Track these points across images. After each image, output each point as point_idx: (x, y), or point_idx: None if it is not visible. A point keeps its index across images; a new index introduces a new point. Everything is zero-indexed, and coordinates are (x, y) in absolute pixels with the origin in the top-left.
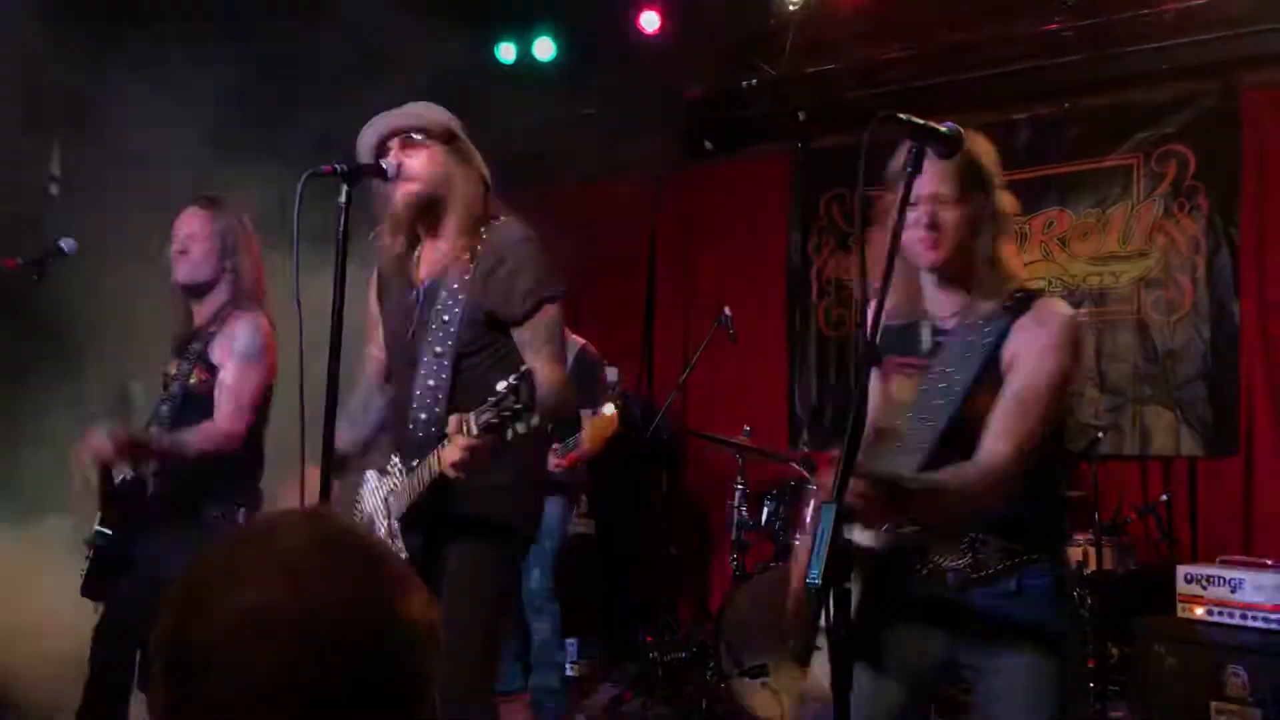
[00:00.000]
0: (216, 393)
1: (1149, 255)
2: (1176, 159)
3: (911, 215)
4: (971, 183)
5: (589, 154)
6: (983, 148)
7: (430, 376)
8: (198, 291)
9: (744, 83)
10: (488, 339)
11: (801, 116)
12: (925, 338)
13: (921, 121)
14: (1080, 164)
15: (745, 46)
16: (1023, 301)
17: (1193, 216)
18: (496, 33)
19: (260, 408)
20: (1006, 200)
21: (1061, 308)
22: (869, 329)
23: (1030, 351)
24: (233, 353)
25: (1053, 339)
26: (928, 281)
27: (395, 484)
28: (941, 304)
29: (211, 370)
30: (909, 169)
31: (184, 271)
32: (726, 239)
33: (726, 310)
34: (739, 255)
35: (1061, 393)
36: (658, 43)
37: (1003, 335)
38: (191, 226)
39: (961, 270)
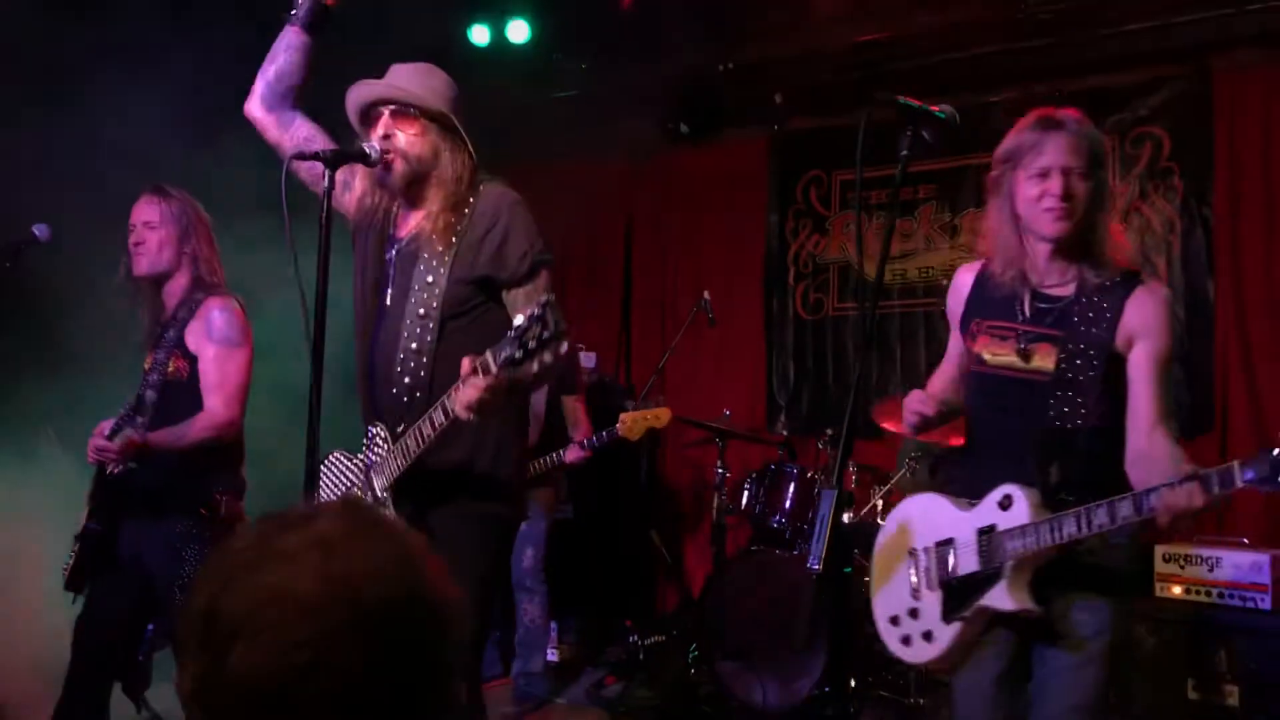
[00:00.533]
0: (202, 381)
1: (1125, 236)
2: (1151, 141)
3: (1037, 186)
4: (1095, 159)
5: (564, 137)
6: (1095, 129)
7: (414, 339)
8: (159, 280)
9: (720, 66)
10: (475, 301)
11: (778, 99)
12: (1026, 304)
13: (918, 104)
14: None
15: (721, 29)
16: (1131, 277)
17: (1167, 197)
18: (470, 15)
19: (244, 397)
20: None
21: (1161, 283)
22: (871, 311)
23: (1154, 327)
24: (211, 339)
25: (1167, 314)
26: (1039, 251)
27: (378, 455)
28: (1051, 273)
29: (189, 358)
30: (904, 152)
31: (144, 263)
32: (703, 222)
33: (706, 294)
34: (716, 239)
35: None
36: (633, 25)
37: (1119, 308)
38: (145, 215)
39: (1079, 242)
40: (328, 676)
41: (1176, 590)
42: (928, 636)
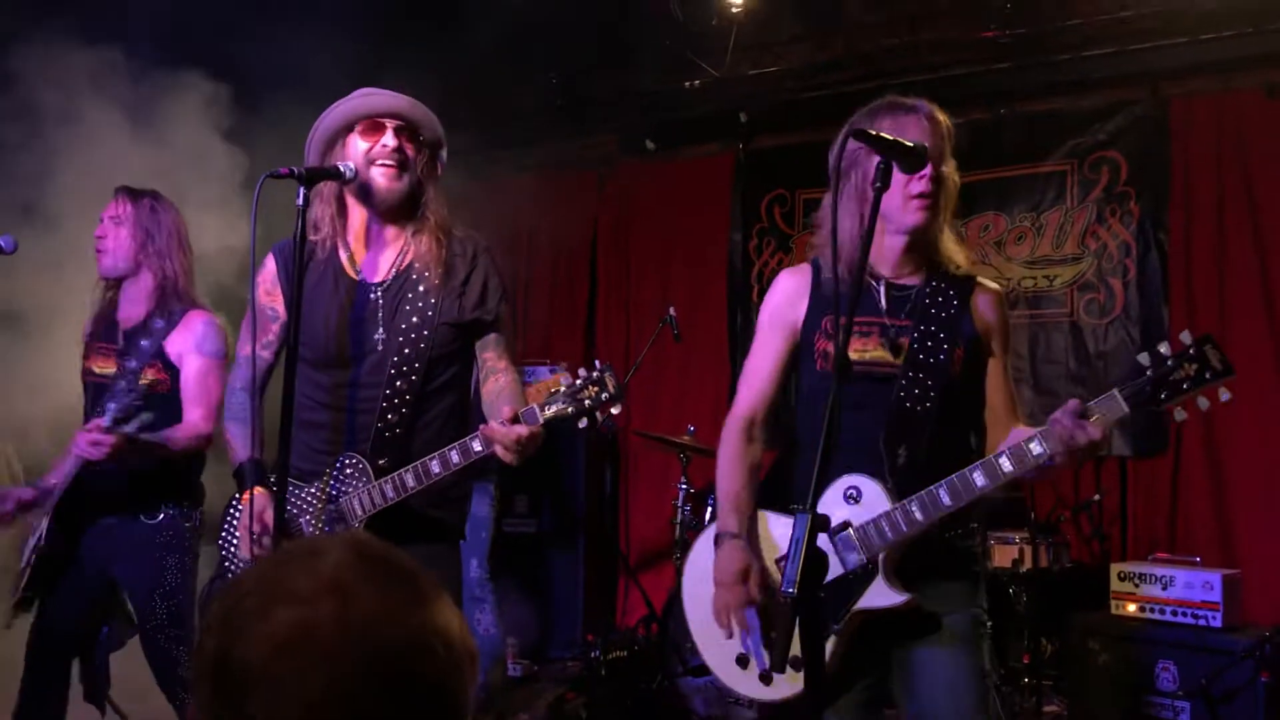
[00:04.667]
0: (184, 392)
1: (1082, 259)
2: (1109, 165)
3: (900, 174)
4: (949, 148)
5: (529, 152)
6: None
7: (400, 378)
8: (119, 281)
9: (686, 83)
10: (457, 343)
11: (743, 118)
12: (881, 297)
13: (890, 138)
14: (1016, 169)
15: (688, 47)
16: (970, 276)
17: (1124, 221)
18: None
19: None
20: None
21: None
22: (840, 340)
23: (1001, 325)
24: (200, 352)
25: (1007, 312)
26: (893, 243)
27: (351, 485)
28: (903, 265)
29: (171, 370)
30: (876, 184)
31: (105, 261)
32: (668, 238)
33: (671, 310)
34: (680, 255)
35: None
36: (601, 39)
37: (967, 297)
38: (111, 212)
39: (932, 233)
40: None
41: (1131, 608)
42: (795, 664)
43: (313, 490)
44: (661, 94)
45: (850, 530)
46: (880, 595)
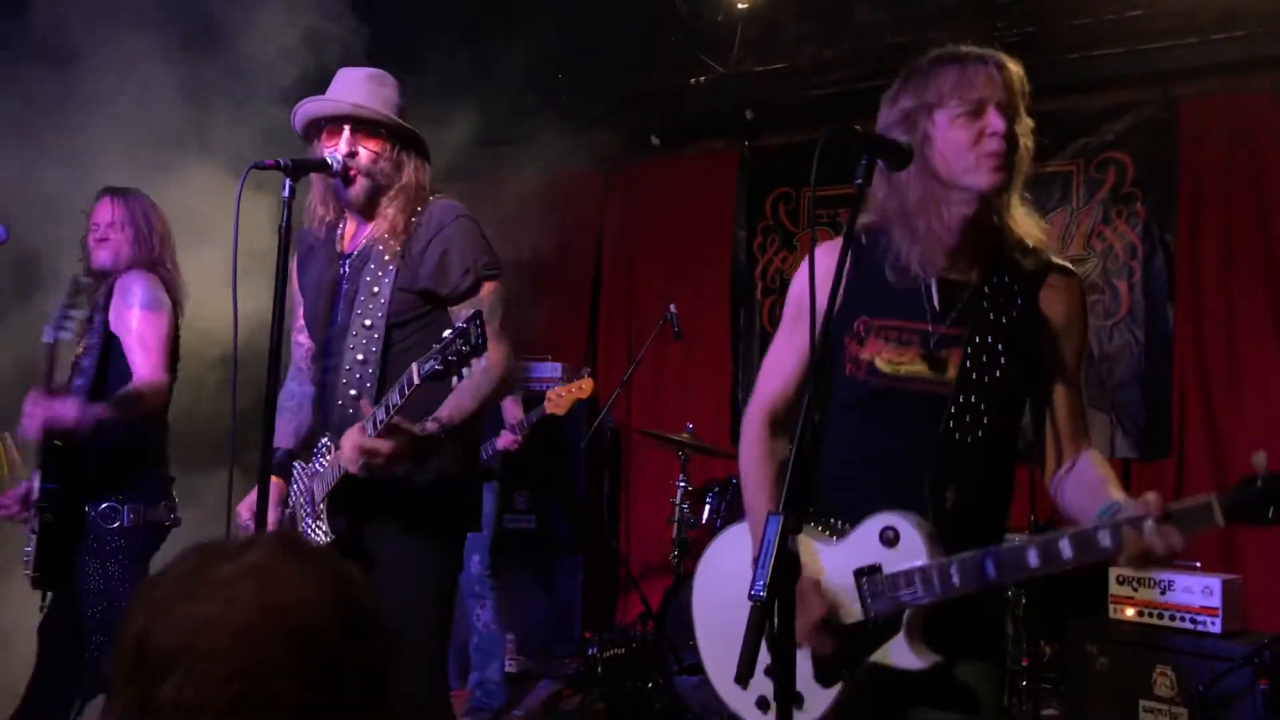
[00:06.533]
0: (125, 346)
1: (1087, 260)
2: (1115, 166)
3: (969, 127)
4: (1023, 104)
5: (534, 148)
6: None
7: (359, 350)
8: (111, 275)
9: (691, 80)
10: (419, 311)
11: (749, 115)
12: (933, 295)
13: (877, 135)
14: None
15: (693, 44)
16: (1047, 262)
17: (1130, 223)
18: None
19: (170, 360)
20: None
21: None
22: (818, 337)
23: (1078, 323)
24: (131, 305)
25: (1086, 305)
26: (952, 217)
27: (323, 465)
28: (961, 251)
29: (113, 339)
30: (859, 180)
31: (103, 257)
32: (672, 235)
33: (672, 307)
34: (684, 252)
35: None
36: (607, 36)
37: (1035, 293)
38: (109, 215)
39: (1000, 204)
40: (262, 709)
41: (1129, 612)
42: (798, 702)
43: (307, 470)
44: (667, 91)
45: (879, 575)
46: (900, 655)
